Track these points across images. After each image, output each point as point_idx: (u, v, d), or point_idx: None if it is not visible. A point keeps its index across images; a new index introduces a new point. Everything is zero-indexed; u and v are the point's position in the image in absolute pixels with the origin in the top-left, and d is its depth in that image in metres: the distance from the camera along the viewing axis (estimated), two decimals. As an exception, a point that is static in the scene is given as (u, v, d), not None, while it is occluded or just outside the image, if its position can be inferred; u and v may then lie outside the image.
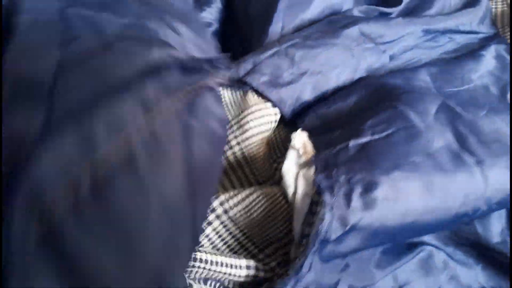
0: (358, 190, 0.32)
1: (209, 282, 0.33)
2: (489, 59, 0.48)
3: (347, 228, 0.31)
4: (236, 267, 0.33)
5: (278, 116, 0.43)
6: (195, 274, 0.32)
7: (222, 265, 0.32)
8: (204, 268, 0.32)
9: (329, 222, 0.31)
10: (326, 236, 0.31)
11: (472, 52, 0.50)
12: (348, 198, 0.32)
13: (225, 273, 0.32)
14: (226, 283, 0.34)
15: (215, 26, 0.55)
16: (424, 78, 0.45)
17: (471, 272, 0.40)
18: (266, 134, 0.43)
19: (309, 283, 0.32)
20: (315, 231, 0.31)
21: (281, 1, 0.50)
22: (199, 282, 0.33)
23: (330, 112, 0.43)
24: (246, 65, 0.44)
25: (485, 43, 0.52)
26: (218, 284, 0.34)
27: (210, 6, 0.54)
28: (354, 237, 0.32)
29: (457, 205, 0.34)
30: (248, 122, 0.41)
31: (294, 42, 0.46)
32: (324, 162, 0.34)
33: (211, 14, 0.55)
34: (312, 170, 0.34)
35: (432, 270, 0.39)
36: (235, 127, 0.42)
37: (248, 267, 0.34)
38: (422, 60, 0.51)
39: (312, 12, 0.51)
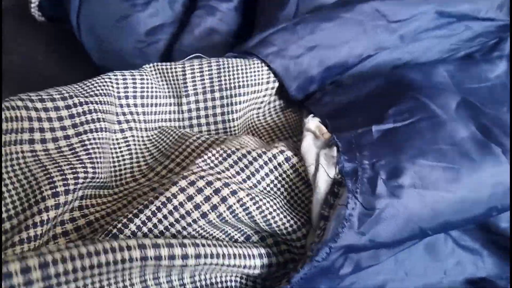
0: (383, 176, 0.28)
1: None
2: (505, 62, 0.44)
3: (373, 215, 0.27)
4: (249, 257, 0.29)
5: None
6: (200, 274, 0.29)
7: (235, 257, 0.28)
8: (215, 264, 0.28)
9: (353, 208, 0.27)
10: (348, 222, 0.27)
11: (486, 54, 0.46)
12: (373, 183, 0.28)
13: (239, 266, 0.29)
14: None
15: (235, 1, 0.52)
16: (442, 74, 0.41)
17: (477, 258, 0.37)
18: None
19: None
20: (336, 214, 0.26)
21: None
22: None
23: (344, 99, 0.39)
24: (255, 39, 0.41)
25: (501, 34, 0.47)
26: None
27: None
28: (382, 227, 0.27)
29: (486, 196, 0.30)
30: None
31: (304, 17, 0.43)
32: (346, 143, 0.30)
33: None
34: (333, 150, 0.30)
35: (439, 255, 0.36)
36: None
37: (260, 256, 0.30)
38: (436, 49, 0.46)
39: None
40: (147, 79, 0.37)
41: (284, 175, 0.32)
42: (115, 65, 0.47)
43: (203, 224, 0.29)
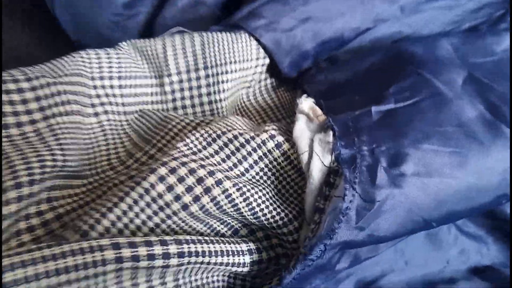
0: (383, 163, 0.25)
1: None
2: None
3: (373, 208, 0.24)
4: (238, 253, 0.26)
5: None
6: (184, 276, 0.25)
7: (222, 254, 0.25)
8: (200, 262, 0.25)
9: (350, 200, 0.23)
10: (345, 216, 0.24)
11: (492, 26, 0.42)
12: (372, 172, 0.25)
13: (227, 264, 0.25)
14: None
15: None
16: (446, 47, 0.37)
17: (482, 245, 0.35)
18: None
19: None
20: (331, 208, 0.23)
21: None
22: None
23: (340, 76, 0.36)
24: (243, 10, 0.37)
25: (508, 5, 0.44)
26: None
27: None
28: (382, 220, 0.24)
29: (495, 183, 0.27)
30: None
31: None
32: (343, 126, 0.27)
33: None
34: (329, 134, 0.26)
35: (442, 243, 0.34)
36: None
37: (250, 252, 0.27)
38: (439, 21, 0.42)
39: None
40: (125, 58, 0.33)
41: (274, 163, 0.29)
42: (92, 40, 0.43)
43: (184, 217, 0.26)
